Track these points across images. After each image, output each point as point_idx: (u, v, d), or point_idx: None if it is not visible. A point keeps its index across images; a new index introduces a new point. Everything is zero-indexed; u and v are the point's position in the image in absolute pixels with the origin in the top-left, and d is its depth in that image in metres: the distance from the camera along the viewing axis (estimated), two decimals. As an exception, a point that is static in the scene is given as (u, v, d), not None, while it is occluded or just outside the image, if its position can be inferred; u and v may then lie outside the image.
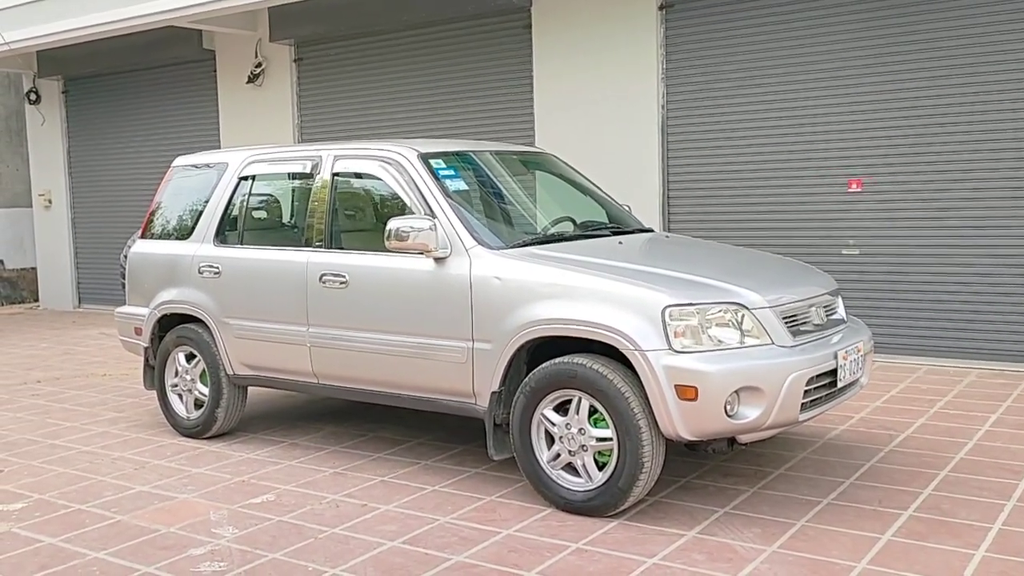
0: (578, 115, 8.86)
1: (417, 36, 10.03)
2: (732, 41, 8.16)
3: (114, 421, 6.55)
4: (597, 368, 4.23)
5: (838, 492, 4.58)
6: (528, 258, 4.64)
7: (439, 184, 5.00)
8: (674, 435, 4.15)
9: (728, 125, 8.24)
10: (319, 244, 5.36)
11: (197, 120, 12.02)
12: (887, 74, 7.51)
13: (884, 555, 3.83)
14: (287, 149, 5.90)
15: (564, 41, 8.89)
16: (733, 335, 4.18)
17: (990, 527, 4.09)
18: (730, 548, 3.95)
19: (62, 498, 4.88)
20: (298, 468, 5.28)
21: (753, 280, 4.49)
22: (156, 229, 6.34)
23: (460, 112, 9.77)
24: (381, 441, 5.77)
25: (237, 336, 5.66)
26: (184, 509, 4.66)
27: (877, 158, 7.61)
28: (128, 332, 6.37)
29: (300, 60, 10.95)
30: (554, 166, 6.07)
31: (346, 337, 5.15)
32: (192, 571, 3.89)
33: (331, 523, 4.39)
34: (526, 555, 3.94)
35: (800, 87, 7.88)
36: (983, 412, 5.98)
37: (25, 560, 4.07)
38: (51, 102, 13.51)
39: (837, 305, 4.91)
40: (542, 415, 4.43)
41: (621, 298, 4.23)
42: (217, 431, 5.91)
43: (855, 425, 5.76)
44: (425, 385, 4.91)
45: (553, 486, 4.43)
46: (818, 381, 4.31)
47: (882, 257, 7.65)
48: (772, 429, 4.24)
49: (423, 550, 4.03)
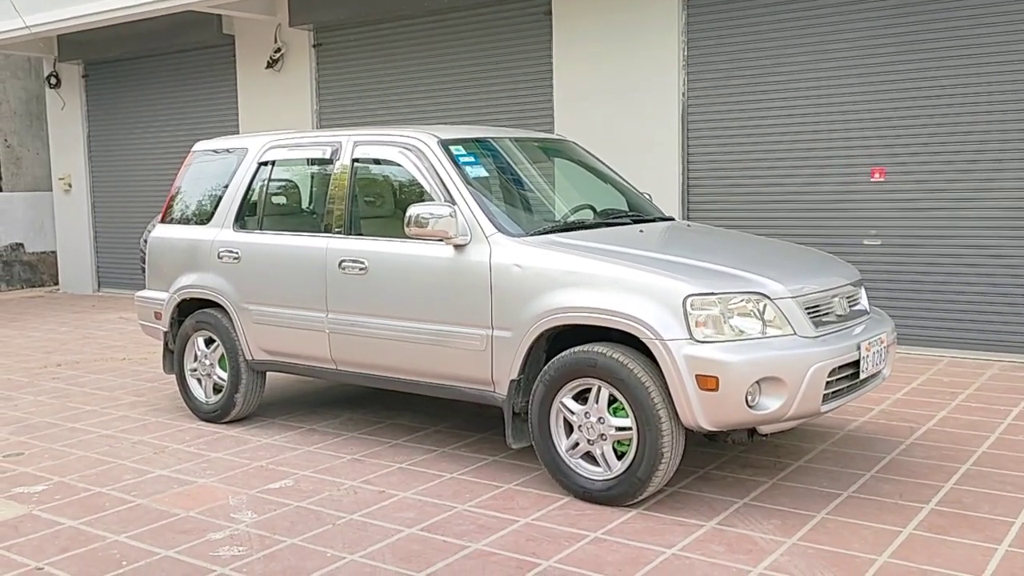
0: (598, 102, 8.80)
1: (437, 22, 9.99)
2: (753, 29, 8.08)
3: (133, 405, 6.59)
4: (617, 357, 4.20)
5: (859, 485, 4.55)
6: (548, 246, 4.62)
7: (459, 171, 4.98)
8: (694, 425, 4.12)
9: (749, 114, 8.17)
10: (338, 230, 5.35)
11: (216, 105, 12.03)
12: (911, 62, 7.42)
13: (905, 549, 3.79)
14: (307, 135, 5.89)
15: (584, 28, 8.83)
16: (755, 325, 4.14)
17: (1013, 521, 4.05)
18: (749, 539, 3.93)
19: (82, 481, 4.91)
20: (316, 454, 5.29)
21: (775, 270, 4.45)
22: (176, 214, 6.35)
23: (480, 98, 9.74)
24: (399, 428, 5.77)
25: (256, 321, 5.67)
26: (203, 493, 4.68)
27: (900, 148, 7.53)
28: (148, 316, 6.39)
29: (319, 45, 10.93)
30: (574, 153, 6.03)
31: (365, 323, 5.15)
32: (211, 555, 3.91)
33: (349, 509, 4.39)
34: (544, 544, 3.93)
35: (822, 76, 7.80)
36: (1005, 405, 5.92)
37: (46, 542, 4.10)
38: (71, 86, 13.55)
39: (860, 296, 4.86)
40: (561, 403, 4.42)
41: (642, 287, 4.21)
42: (236, 416, 5.93)
43: (876, 417, 5.72)
44: (444, 372, 4.90)
45: (572, 475, 4.42)
46: (840, 372, 4.27)
47: (904, 247, 7.58)
48: (793, 420, 4.21)
49: (441, 537, 4.03)
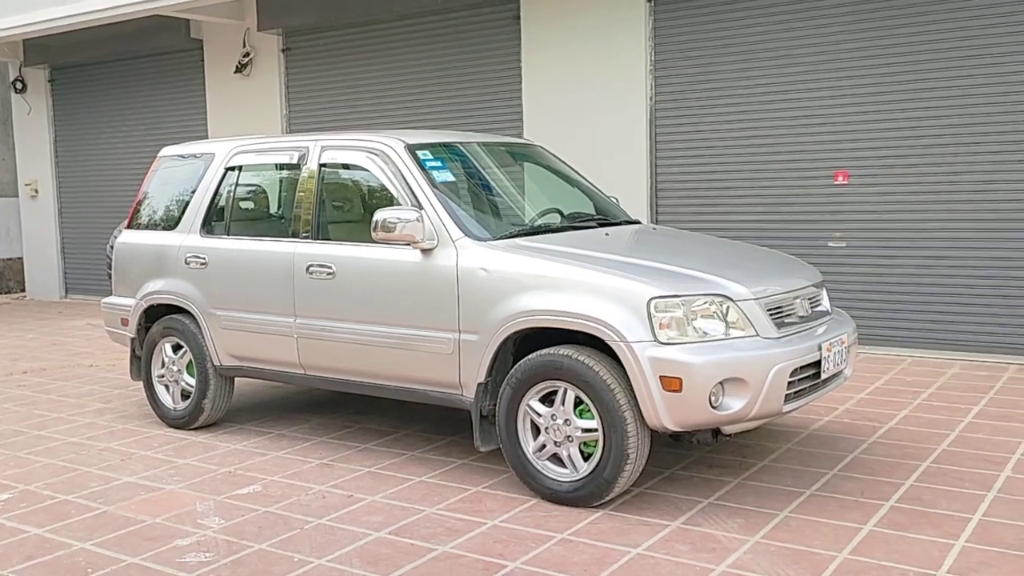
0: (566, 106, 8.86)
1: (406, 26, 10.01)
2: (720, 33, 8.17)
3: (100, 412, 6.54)
4: (583, 359, 4.25)
5: (821, 483, 4.62)
6: (515, 249, 4.65)
7: (426, 175, 5.01)
8: (659, 426, 4.17)
9: (716, 117, 8.26)
10: (306, 235, 5.35)
11: (185, 110, 11.97)
12: (876, 67, 7.54)
13: (865, 545, 3.86)
14: (274, 140, 5.89)
15: (552, 32, 8.89)
16: (718, 327, 4.20)
17: (970, 518, 4.13)
18: (713, 538, 3.98)
19: (48, 489, 4.88)
20: (285, 459, 5.29)
21: (738, 272, 4.51)
22: (143, 219, 6.32)
23: (449, 103, 9.76)
24: (367, 432, 5.78)
25: (224, 327, 5.66)
26: (170, 500, 4.66)
27: (864, 150, 7.64)
28: (115, 323, 6.35)
29: (288, 50, 10.91)
30: (542, 158, 6.07)
31: (333, 328, 5.16)
32: (178, 561, 3.90)
33: (317, 514, 4.40)
34: (511, 545, 3.96)
35: (787, 79, 7.90)
36: (966, 404, 6.03)
37: (11, 550, 4.07)
38: (37, 91, 13.43)
39: (822, 297, 4.94)
40: (528, 406, 4.45)
41: (607, 290, 4.25)
42: (204, 422, 5.91)
43: (839, 416, 5.80)
44: (411, 376, 4.92)
45: (539, 477, 4.45)
46: (802, 372, 4.33)
47: (868, 249, 7.69)
48: (756, 420, 4.27)
49: (409, 540, 4.05)
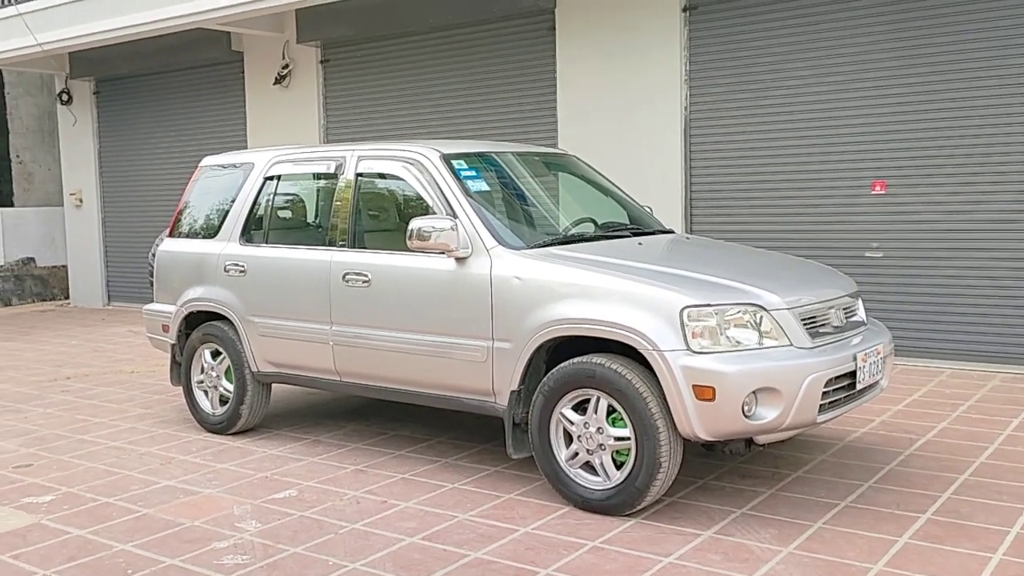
0: (601, 117, 8.88)
1: (442, 38, 10.10)
2: (755, 43, 8.15)
3: (141, 417, 6.66)
4: (616, 368, 4.26)
5: (856, 495, 4.58)
6: (548, 258, 4.68)
7: (460, 184, 5.06)
8: (692, 435, 4.17)
9: (751, 127, 8.23)
10: (342, 243, 5.42)
11: (225, 121, 12.16)
12: (913, 76, 7.47)
13: (900, 558, 3.83)
14: (312, 149, 5.97)
15: (587, 43, 8.92)
16: (751, 336, 4.20)
17: (1008, 531, 4.08)
18: (746, 548, 3.97)
19: (90, 491, 4.98)
20: (320, 465, 5.35)
21: (772, 281, 4.50)
22: (184, 228, 6.43)
23: (484, 114, 9.83)
24: (402, 439, 5.83)
25: (262, 334, 5.74)
26: (208, 503, 4.74)
27: (902, 160, 7.57)
28: (156, 329, 6.47)
29: (326, 61, 11.05)
30: (576, 167, 6.10)
31: (368, 335, 5.22)
32: (216, 564, 3.97)
33: (351, 519, 4.45)
34: (543, 552, 3.98)
35: (824, 88, 7.86)
36: (1006, 416, 5.94)
37: (53, 551, 4.16)
38: (83, 103, 13.71)
39: (857, 307, 4.91)
40: (561, 414, 4.47)
41: (640, 298, 4.26)
42: (241, 427, 6.00)
43: (875, 428, 5.75)
44: (445, 383, 4.96)
45: (571, 484, 4.47)
46: (837, 383, 4.32)
47: (906, 260, 7.61)
48: (790, 430, 4.26)
49: (441, 546, 4.08)
